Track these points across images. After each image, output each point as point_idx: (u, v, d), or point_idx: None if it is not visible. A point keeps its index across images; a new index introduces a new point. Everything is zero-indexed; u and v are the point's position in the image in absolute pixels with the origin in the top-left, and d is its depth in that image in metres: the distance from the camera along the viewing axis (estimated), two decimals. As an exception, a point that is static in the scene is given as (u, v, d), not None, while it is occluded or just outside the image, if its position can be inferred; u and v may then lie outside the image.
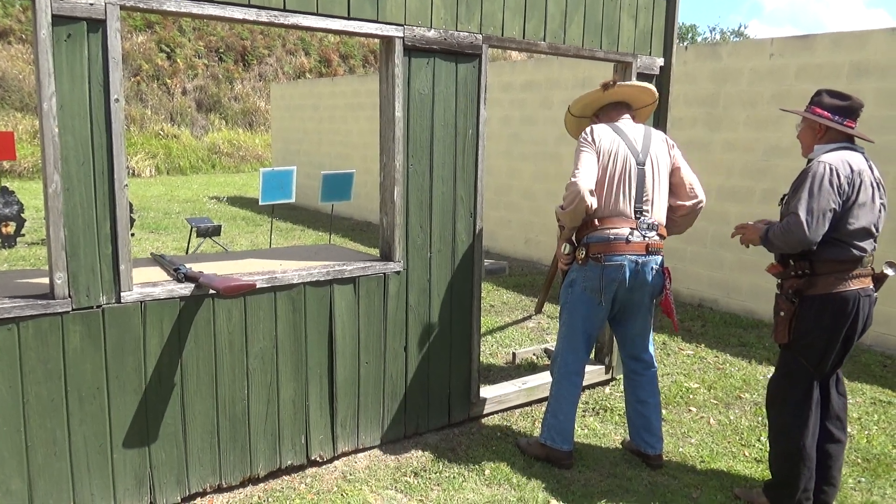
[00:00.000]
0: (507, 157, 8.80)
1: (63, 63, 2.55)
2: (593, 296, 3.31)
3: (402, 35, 3.31)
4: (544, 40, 3.85)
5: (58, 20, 2.51)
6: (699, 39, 38.65)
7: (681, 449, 3.67)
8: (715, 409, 4.20)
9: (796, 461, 2.97)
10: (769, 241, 2.98)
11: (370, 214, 11.64)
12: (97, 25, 2.60)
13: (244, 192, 15.43)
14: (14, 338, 2.55)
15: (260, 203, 6.84)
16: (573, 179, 3.16)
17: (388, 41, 3.33)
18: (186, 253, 7.88)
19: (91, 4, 2.56)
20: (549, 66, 8.37)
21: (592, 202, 3.19)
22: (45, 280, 2.91)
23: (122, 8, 2.66)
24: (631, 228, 3.25)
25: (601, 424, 3.94)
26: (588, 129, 3.34)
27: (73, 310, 2.65)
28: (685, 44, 6.62)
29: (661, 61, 4.44)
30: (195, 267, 3.13)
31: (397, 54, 3.32)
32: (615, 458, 3.56)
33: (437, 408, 3.73)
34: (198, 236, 7.52)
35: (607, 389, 4.45)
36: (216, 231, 7.49)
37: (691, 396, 4.37)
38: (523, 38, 3.76)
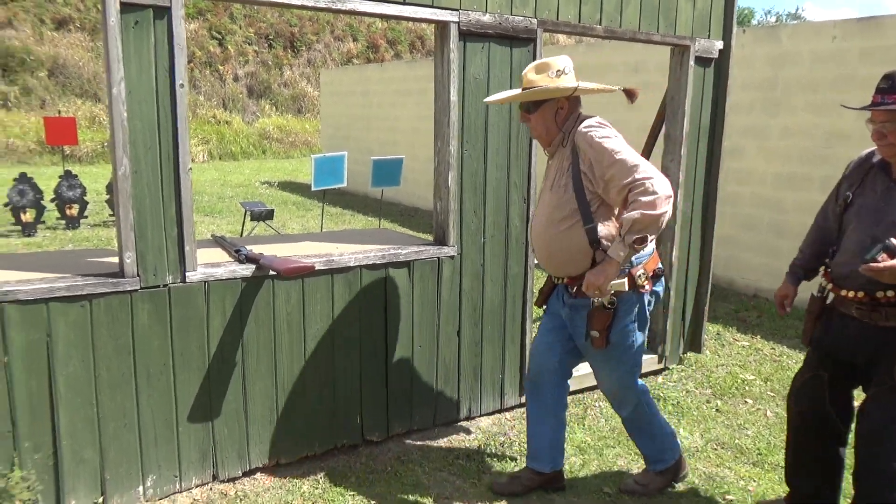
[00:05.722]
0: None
1: (131, 49, 2.62)
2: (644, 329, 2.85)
3: (457, 20, 3.31)
4: (600, 24, 3.79)
5: (126, 7, 2.58)
6: (754, 23, 37.54)
7: (737, 440, 3.61)
8: (772, 401, 4.11)
9: None
10: None
11: (418, 200, 11.68)
12: (163, 12, 2.66)
13: (294, 177, 15.66)
14: (87, 314, 2.66)
15: (313, 189, 6.93)
16: (651, 174, 2.47)
17: (443, 26, 3.33)
18: (241, 235, 8.05)
19: (157, -9, 2.63)
20: (601, 50, 8.23)
21: None
22: (112, 259, 3.02)
23: (188, -5, 2.73)
24: None
25: (653, 413, 3.90)
26: (604, 122, 2.73)
27: (141, 288, 2.74)
28: (742, 27, 6.44)
29: (720, 45, 4.33)
30: (254, 249, 3.20)
31: (452, 39, 3.32)
32: (668, 447, 3.52)
33: (489, 392, 3.75)
34: (252, 220, 7.68)
35: (660, 379, 4.40)
36: (269, 215, 7.63)
37: (747, 388, 4.29)
38: (578, 21, 3.72)
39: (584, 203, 2.65)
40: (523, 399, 3.88)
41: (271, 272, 3.00)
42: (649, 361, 4.40)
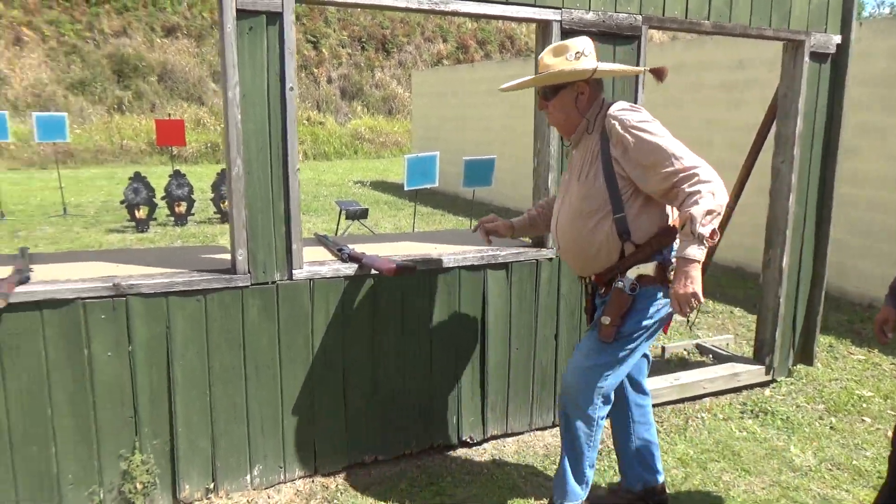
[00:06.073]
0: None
1: (245, 54, 2.72)
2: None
3: (559, 18, 3.26)
4: (708, 19, 3.64)
5: (241, 14, 2.69)
6: (864, 15, 35.29)
7: (854, 461, 3.38)
8: (893, 420, 3.83)
9: None
10: None
11: (509, 200, 11.63)
12: (275, 18, 2.75)
13: (385, 177, 15.94)
14: (202, 309, 2.78)
15: (405, 188, 7.02)
16: (698, 161, 2.31)
17: (544, 25, 3.29)
18: (335, 234, 8.27)
19: (270, -2, 2.72)
20: (701, 47, 7.93)
21: None
22: (221, 256, 3.15)
23: (297, 1, 2.81)
24: None
25: (762, 428, 3.71)
26: (636, 105, 2.55)
27: (251, 285, 2.85)
28: (858, 20, 6.04)
29: (837, 39, 4.07)
30: (356, 248, 3.26)
31: (554, 38, 3.26)
32: (779, 465, 3.34)
33: (585, 398, 3.67)
34: (346, 218, 7.86)
35: (767, 391, 4.18)
36: (363, 214, 7.79)
37: (864, 405, 4.01)
38: (685, 17, 3.58)
39: (616, 192, 2.45)
40: (621, 406, 3.78)
41: (373, 271, 3.05)
42: (756, 372, 4.19)
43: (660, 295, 2.49)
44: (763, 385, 4.24)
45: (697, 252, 2.26)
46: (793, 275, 4.22)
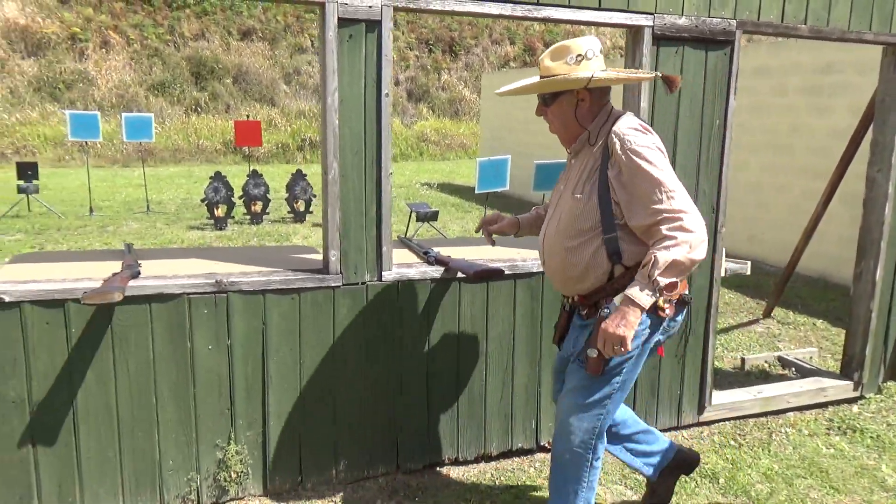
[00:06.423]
0: (733, 148, 8.26)
1: (345, 61, 2.81)
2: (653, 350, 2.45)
3: (651, 24, 3.23)
4: (805, 23, 3.54)
5: (342, 22, 2.77)
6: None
7: (954, 485, 3.23)
8: None
9: None
10: None
11: (575, 204, 11.52)
12: (374, 26, 2.83)
13: (451, 179, 16.03)
14: (296, 306, 2.88)
15: (476, 192, 7.06)
16: (688, 207, 2.13)
17: (636, 30, 3.26)
18: (405, 235, 8.37)
19: (370, 7, 2.79)
20: (788, 49, 7.69)
21: None
22: (310, 256, 3.25)
23: (395, 9, 2.87)
24: None
25: (850, 445, 3.59)
26: (647, 126, 2.33)
27: (343, 285, 2.93)
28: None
29: (942, 42, 3.89)
30: (440, 251, 3.31)
31: (645, 44, 3.24)
32: (869, 484, 3.23)
33: (665, 408, 3.62)
34: (417, 220, 7.96)
35: (855, 408, 4.03)
36: (434, 216, 7.87)
37: (963, 426, 3.83)
38: (781, 21, 3.49)
39: (608, 212, 2.25)
40: (701, 417, 3.71)
41: (458, 274, 3.09)
42: (843, 388, 4.05)
43: (647, 322, 2.29)
44: (850, 401, 4.09)
45: (645, 298, 2.10)
46: (886, 288, 4.06)
